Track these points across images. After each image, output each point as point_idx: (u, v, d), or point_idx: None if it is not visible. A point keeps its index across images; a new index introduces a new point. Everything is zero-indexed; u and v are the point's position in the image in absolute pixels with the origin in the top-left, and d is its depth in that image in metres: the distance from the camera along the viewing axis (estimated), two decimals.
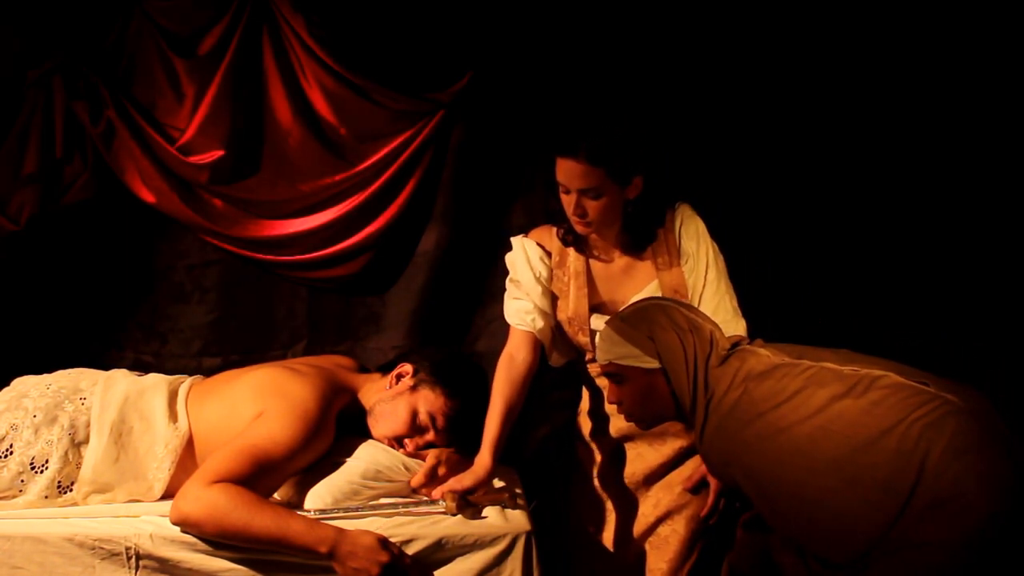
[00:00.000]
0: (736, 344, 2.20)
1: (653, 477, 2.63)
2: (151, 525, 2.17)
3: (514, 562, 2.21)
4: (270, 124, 3.25)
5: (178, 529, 2.13)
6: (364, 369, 2.70)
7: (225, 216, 3.27)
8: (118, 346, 3.36)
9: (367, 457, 2.37)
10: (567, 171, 2.43)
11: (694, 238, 2.56)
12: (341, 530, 2.12)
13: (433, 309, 3.34)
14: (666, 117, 3.15)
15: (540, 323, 2.61)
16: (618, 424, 2.62)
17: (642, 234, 2.57)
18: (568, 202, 2.47)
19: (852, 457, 1.93)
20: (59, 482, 2.26)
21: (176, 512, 2.11)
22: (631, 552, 2.64)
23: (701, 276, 2.54)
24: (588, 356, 2.66)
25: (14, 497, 2.24)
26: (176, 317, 3.36)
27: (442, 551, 2.19)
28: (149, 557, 2.12)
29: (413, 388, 2.47)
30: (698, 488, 2.51)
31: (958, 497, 1.84)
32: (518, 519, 2.29)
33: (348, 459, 2.37)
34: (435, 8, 3.22)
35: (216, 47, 3.17)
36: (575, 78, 3.24)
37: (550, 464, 3.19)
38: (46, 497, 2.24)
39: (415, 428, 2.44)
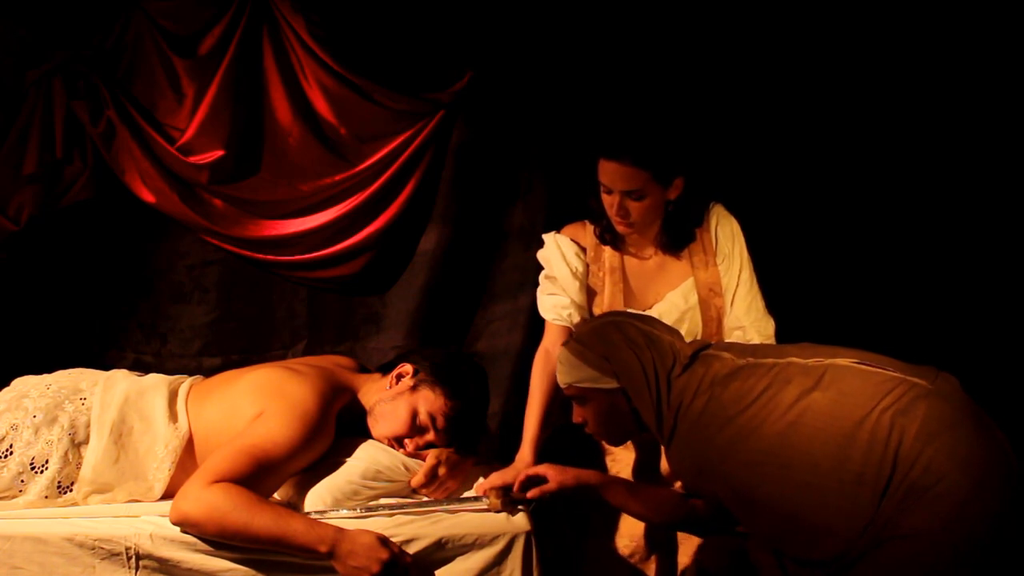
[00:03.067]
0: (700, 349, 2.17)
1: None
2: (151, 525, 2.17)
3: (514, 562, 2.20)
4: (270, 124, 3.26)
5: (178, 529, 2.13)
6: (364, 369, 2.69)
7: (225, 216, 3.27)
8: (118, 346, 3.36)
9: (367, 457, 2.37)
10: (611, 173, 2.44)
11: (730, 238, 2.59)
12: (341, 529, 2.12)
13: (433, 309, 3.35)
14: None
15: (576, 318, 2.61)
16: None
17: (681, 233, 2.59)
18: (610, 203, 2.49)
19: (826, 451, 1.91)
20: (59, 482, 2.25)
21: (176, 512, 2.11)
22: (655, 547, 2.65)
23: (735, 276, 2.56)
24: None
25: (14, 497, 2.24)
26: (176, 317, 3.36)
27: (442, 551, 2.18)
28: (149, 557, 2.11)
29: (413, 388, 2.46)
30: None
31: (936, 483, 1.82)
32: (518, 519, 2.29)
33: (348, 459, 2.36)
34: (435, 8, 3.22)
35: (216, 47, 3.17)
36: (593, 79, 3.25)
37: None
38: (46, 497, 2.24)
39: (415, 428, 2.44)
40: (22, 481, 2.24)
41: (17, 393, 2.39)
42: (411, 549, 2.16)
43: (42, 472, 2.25)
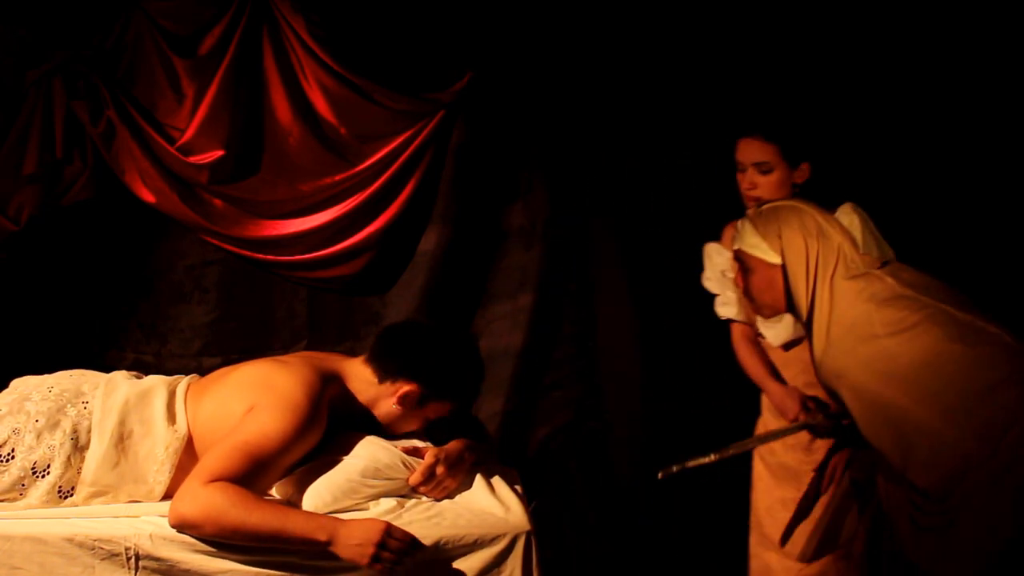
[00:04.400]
0: (871, 267, 2.30)
1: None
2: (151, 525, 2.16)
3: (514, 562, 2.20)
4: (270, 124, 3.26)
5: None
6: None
7: (225, 216, 3.27)
8: (119, 346, 3.36)
9: (366, 455, 2.37)
10: (744, 148, 2.75)
11: (858, 232, 2.68)
12: (339, 519, 2.14)
13: (433, 309, 3.35)
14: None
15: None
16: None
17: None
18: (742, 179, 2.76)
19: (954, 396, 2.10)
20: (60, 487, 2.25)
21: (174, 515, 2.11)
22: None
23: None
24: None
25: (14, 501, 2.24)
26: (176, 317, 3.36)
27: (442, 551, 2.18)
28: (149, 557, 2.11)
29: (420, 404, 2.47)
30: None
31: None
32: (518, 519, 2.29)
33: (347, 457, 2.36)
34: (435, 8, 3.22)
35: (216, 47, 3.17)
36: (594, 79, 3.24)
37: (550, 464, 3.19)
38: (46, 502, 2.24)
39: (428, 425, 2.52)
40: (23, 485, 2.24)
41: (19, 396, 2.37)
42: None
43: (43, 477, 2.24)
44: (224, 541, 2.10)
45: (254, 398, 2.29)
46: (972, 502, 2.08)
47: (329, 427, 2.37)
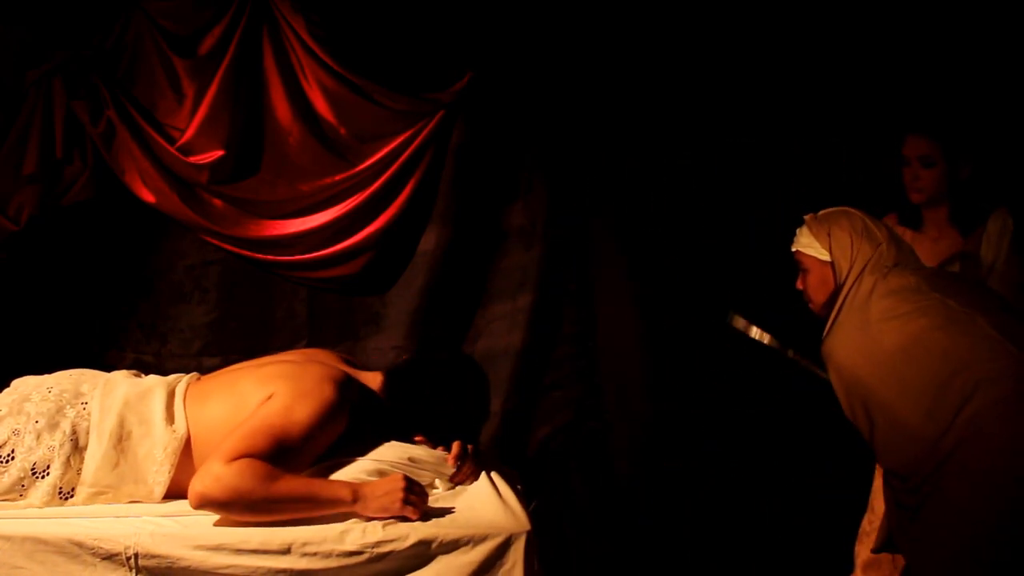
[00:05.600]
0: (899, 264, 2.46)
1: None
2: (151, 525, 2.17)
3: (514, 561, 2.20)
4: (270, 124, 3.26)
5: (178, 528, 2.13)
6: (351, 364, 2.69)
7: (225, 216, 3.27)
8: (119, 346, 3.36)
9: (374, 455, 2.38)
10: (910, 143, 2.96)
11: (999, 234, 2.87)
12: (359, 482, 2.22)
13: (433, 309, 3.35)
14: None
15: None
16: None
17: (966, 216, 2.93)
18: (907, 173, 2.97)
19: (917, 379, 2.24)
20: (60, 488, 2.25)
21: (197, 496, 2.10)
22: None
23: (987, 266, 2.86)
24: None
25: (15, 501, 2.24)
26: (176, 317, 3.36)
27: (441, 549, 2.18)
28: (149, 556, 2.11)
29: None
30: None
31: (983, 456, 2.10)
32: (518, 519, 2.29)
33: (359, 457, 2.38)
34: (435, 8, 3.22)
35: (216, 47, 3.17)
36: (594, 79, 3.23)
37: (550, 464, 3.19)
38: (47, 503, 2.24)
39: None
40: (23, 486, 2.24)
41: (18, 396, 2.37)
42: (407, 544, 2.16)
43: (43, 477, 2.25)
44: (251, 518, 2.13)
45: (274, 387, 2.30)
46: (935, 484, 2.18)
47: (349, 435, 2.39)
